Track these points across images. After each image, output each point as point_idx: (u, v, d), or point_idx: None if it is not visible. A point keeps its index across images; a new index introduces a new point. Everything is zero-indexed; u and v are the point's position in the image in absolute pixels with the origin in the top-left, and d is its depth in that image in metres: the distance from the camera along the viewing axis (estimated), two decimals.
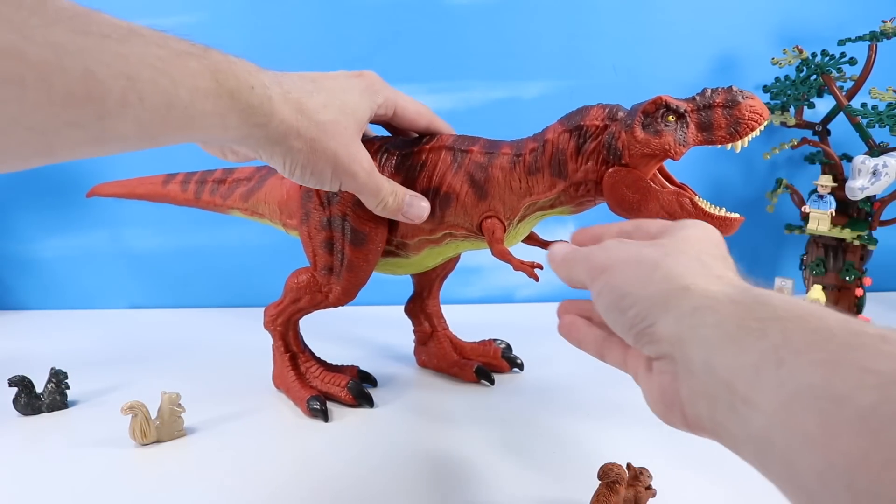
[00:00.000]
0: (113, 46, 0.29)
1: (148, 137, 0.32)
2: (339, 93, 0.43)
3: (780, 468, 0.21)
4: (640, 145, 0.43)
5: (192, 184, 0.66)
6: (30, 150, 0.28)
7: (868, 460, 0.17)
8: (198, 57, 0.33)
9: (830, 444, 0.18)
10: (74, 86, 0.28)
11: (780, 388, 0.21)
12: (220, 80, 0.34)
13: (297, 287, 0.55)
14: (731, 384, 0.22)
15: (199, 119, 0.34)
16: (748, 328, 0.23)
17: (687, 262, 0.28)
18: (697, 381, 0.25)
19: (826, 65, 0.77)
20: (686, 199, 0.44)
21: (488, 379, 0.62)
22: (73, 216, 0.90)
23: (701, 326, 0.24)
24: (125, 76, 0.29)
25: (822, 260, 0.81)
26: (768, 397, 0.21)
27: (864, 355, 0.19)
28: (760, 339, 0.22)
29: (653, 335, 0.27)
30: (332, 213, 0.52)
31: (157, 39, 0.32)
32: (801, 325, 0.22)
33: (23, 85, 0.26)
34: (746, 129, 0.41)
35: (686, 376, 0.25)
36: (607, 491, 0.37)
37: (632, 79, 0.88)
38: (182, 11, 0.84)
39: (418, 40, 0.86)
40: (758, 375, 0.21)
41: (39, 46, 0.26)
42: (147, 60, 0.30)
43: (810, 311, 0.22)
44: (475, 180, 0.49)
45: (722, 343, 0.23)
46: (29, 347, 0.75)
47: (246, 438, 0.51)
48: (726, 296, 0.25)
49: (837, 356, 0.20)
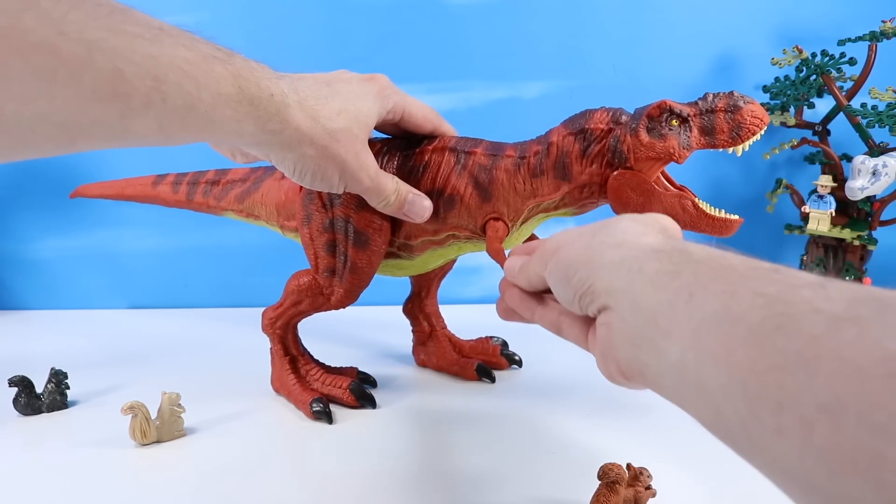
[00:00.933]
0: (143, 46, 0.29)
1: (164, 136, 0.33)
2: (352, 99, 0.43)
3: (693, 392, 0.23)
4: (645, 149, 0.43)
5: (183, 185, 0.65)
6: (53, 144, 0.29)
7: (756, 367, 0.20)
8: (223, 62, 0.34)
9: (730, 358, 0.21)
10: (102, 84, 0.28)
11: (690, 318, 0.23)
12: (242, 86, 0.35)
13: (298, 290, 0.55)
14: (653, 321, 0.25)
15: (218, 123, 0.35)
16: (666, 271, 0.26)
17: (622, 227, 0.31)
18: (627, 325, 0.27)
19: (826, 65, 0.77)
20: (688, 202, 0.44)
21: (489, 377, 0.62)
22: (73, 216, 0.90)
23: (626, 273, 0.27)
24: (152, 77, 0.30)
25: (822, 260, 0.82)
26: (681, 328, 0.24)
27: (758, 283, 0.22)
28: (675, 279, 0.25)
29: (593, 293, 0.29)
30: (334, 214, 0.52)
31: (186, 41, 0.32)
32: (709, 265, 0.25)
33: (53, 80, 0.26)
34: (748, 133, 0.42)
35: (619, 323, 0.28)
36: (607, 491, 0.37)
37: (632, 79, 0.88)
38: (182, 11, 0.84)
39: (418, 40, 0.86)
40: (673, 310, 0.24)
41: (73, 43, 0.27)
42: (175, 62, 0.31)
43: (719, 254, 0.26)
44: (479, 182, 0.49)
45: (644, 286, 0.26)
46: (29, 347, 0.75)
47: (246, 439, 0.51)
48: (650, 246, 0.28)
49: (736, 286, 0.23)
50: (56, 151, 0.30)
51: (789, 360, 0.19)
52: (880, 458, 0.16)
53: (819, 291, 0.20)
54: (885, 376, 0.16)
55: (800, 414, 0.18)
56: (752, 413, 0.20)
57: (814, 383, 0.18)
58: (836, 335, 0.18)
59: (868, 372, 0.17)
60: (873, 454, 0.16)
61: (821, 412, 0.18)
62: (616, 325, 0.28)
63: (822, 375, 0.18)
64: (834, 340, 0.18)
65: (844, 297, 0.19)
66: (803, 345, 0.19)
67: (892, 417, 0.16)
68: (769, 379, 0.19)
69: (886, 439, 0.16)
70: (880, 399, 0.16)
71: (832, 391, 0.17)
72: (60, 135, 0.29)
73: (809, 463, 0.18)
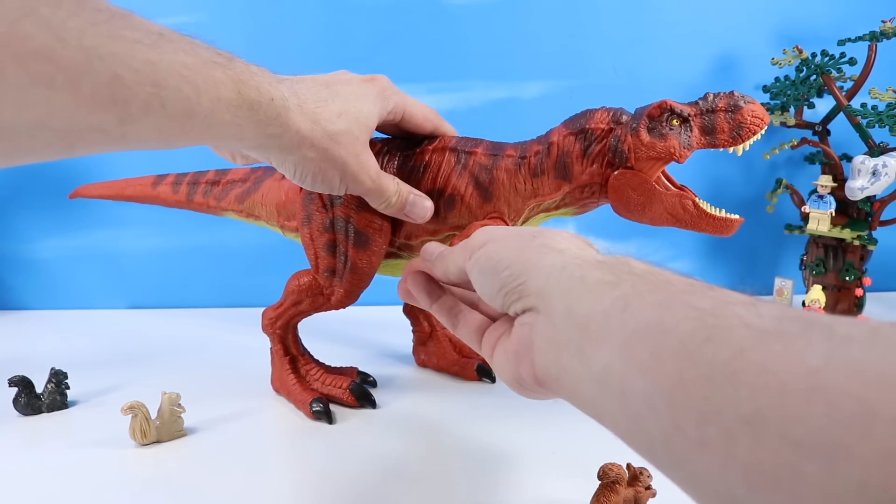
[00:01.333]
0: (143, 52, 0.29)
1: (164, 141, 0.33)
2: (353, 100, 0.43)
3: (614, 402, 0.23)
4: (646, 148, 0.44)
5: (183, 185, 0.65)
6: (51, 150, 0.29)
7: (684, 378, 0.20)
8: (223, 67, 0.34)
9: (658, 368, 0.21)
10: (101, 90, 0.28)
11: (623, 327, 0.23)
12: (242, 91, 0.35)
13: (298, 290, 0.55)
14: (584, 328, 0.25)
15: (217, 127, 0.35)
16: (606, 281, 0.26)
17: (565, 236, 0.32)
18: (554, 329, 0.27)
19: (826, 65, 0.77)
20: (688, 201, 0.45)
21: (489, 377, 0.62)
22: (72, 216, 0.90)
23: (567, 279, 0.27)
24: (151, 83, 0.30)
25: (821, 260, 0.82)
26: (612, 336, 0.23)
27: (693, 298, 0.22)
28: (613, 289, 0.25)
29: (522, 291, 0.29)
30: (335, 214, 0.52)
31: (186, 46, 0.32)
32: (648, 279, 0.25)
33: (52, 87, 0.26)
34: (749, 133, 0.42)
35: (544, 324, 0.28)
36: (607, 491, 0.37)
37: (631, 79, 0.88)
38: (182, 11, 0.84)
39: (418, 40, 0.86)
40: (606, 318, 0.24)
41: (72, 50, 0.26)
42: (174, 68, 0.31)
43: (658, 270, 0.26)
44: (479, 182, 0.49)
45: (582, 294, 0.26)
46: (29, 347, 0.75)
47: (246, 439, 0.51)
48: (593, 257, 0.29)
49: (671, 299, 0.23)
50: (55, 157, 0.30)
51: (715, 371, 0.19)
52: (800, 473, 0.16)
53: (750, 308, 0.20)
54: (805, 391, 0.16)
55: (723, 426, 0.18)
56: (675, 424, 0.20)
57: (738, 395, 0.18)
58: (762, 348, 0.18)
59: (790, 386, 0.17)
60: (793, 469, 0.16)
61: (743, 424, 0.17)
62: (540, 328, 0.28)
63: (746, 388, 0.18)
64: (759, 354, 0.18)
65: (774, 314, 0.20)
66: (730, 357, 0.19)
67: (811, 432, 0.16)
68: (695, 390, 0.19)
69: (805, 454, 0.16)
70: (800, 413, 0.16)
71: (754, 404, 0.17)
72: (59, 140, 0.29)
73: (731, 477, 0.18)
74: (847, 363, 0.16)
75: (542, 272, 0.29)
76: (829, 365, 0.17)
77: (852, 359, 0.16)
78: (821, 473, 0.15)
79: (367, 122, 0.44)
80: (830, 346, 0.17)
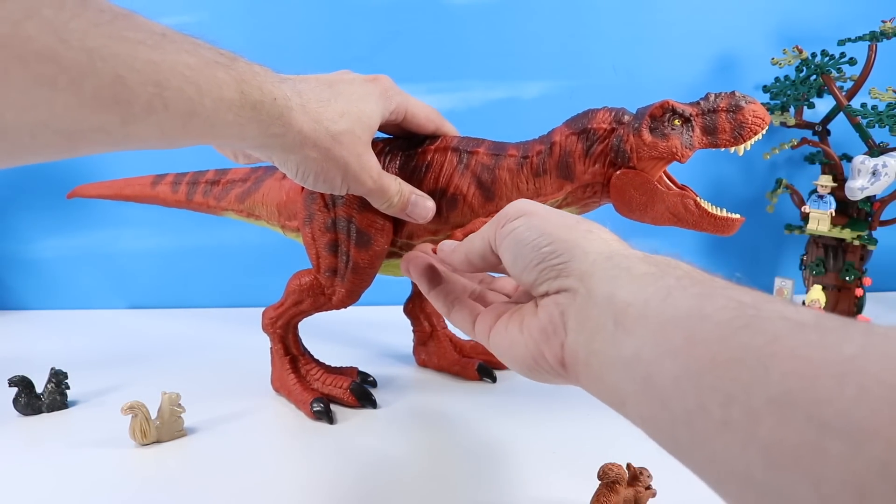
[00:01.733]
0: (145, 53, 0.29)
1: (166, 141, 0.33)
2: (355, 100, 0.43)
3: (638, 386, 0.24)
4: (649, 148, 0.44)
5: (182, 185, 0.65)
6: (53, 150, 0.29)
7: (716, 360, 0.20)
8: (225, 67, 0.34)
9: (690, 351, 0.21)
10: (104, 91, 0.28)
11: (661, 313, 0.24)
12: (244, 91, 0.35)
13: (299, 289, 0.55)
14: (623, 312, 0.25)
15: (220, 128, 0.35)
16: (650, 273, 0.26)
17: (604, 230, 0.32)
18: (592, 312, 0.27)
19: (826, 65, 0.77)
20: (690, 201, 0.45)
21: (490, 376, 0.62)
22: (72, 216, 0.90)
23: (613, 268, 0.28)
24: (154, 83, 0.30)
25: (822, 260, 0.82)
26: (649, 322, 0.24)
27: (734, 292, 0.23)
28: (658, 280, 0.25)
29: (563, 270, 0.29)
30: (336, 214, 0.52)
31: (188, 46, 0.32)
32: (693, 275, 0.26)
33: (54, 88, 0.26)
34: (750, 133, 0.42)
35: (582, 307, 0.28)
36: (607, 491, 0.37)
37: (632, 79, 0.88)
38: (182, 11, 0.84)
39: (418, 40, 0.86)
40: (646, 306, 0.25)
41: (75, 51, 0.27)
42: (177, 68, 0.31)
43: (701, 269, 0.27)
44: (482, 181, 0.49)
45: (626, 282, 0.26)
46: (29, 347, 0.75)
47: (246, 438, 0.51)
48: (638, 253, 0.29)
49: (713, 291, 0.23)
50: (57, 157, 0.30)
51: (748, 354, 0.19)
52: (822, 452, 0.16)
53: (790, 306, 0.21)
54: (837, 375, 0.17)
55: (749, 406, 0.18)
56: (701, 405, 0.20)
57: (768, 377, 0.18)
58: (797, 336, 0.19)
59: (822, 371, 0.17)
60: (816, 448, 0.16)
61: (770, 405, 0.18)
62: (576, 310, 0.28)
63: (778, 371, 0.18)
64: (795, 341, 0.19)
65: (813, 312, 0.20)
66: (764, 342, 0.19)
67: (838, 413, 0.16)
68: (725, 371, 0.20)
69: (830, 434, 0.16)
70: (830, 395, 0.16)
71: (784, 386, 0.18)
72: (61, 141, 0.29)
73: (751, 456, 0.18)
74: (883, 354, 0.17)
75: (589, 257, 0.29)
76: (865, 354, 0.17)
77: (889, 351, 0.17)
78: (844, 453, 0.16)
79: (369, 122, 0.44)
80: (868, 339, 0.17)
